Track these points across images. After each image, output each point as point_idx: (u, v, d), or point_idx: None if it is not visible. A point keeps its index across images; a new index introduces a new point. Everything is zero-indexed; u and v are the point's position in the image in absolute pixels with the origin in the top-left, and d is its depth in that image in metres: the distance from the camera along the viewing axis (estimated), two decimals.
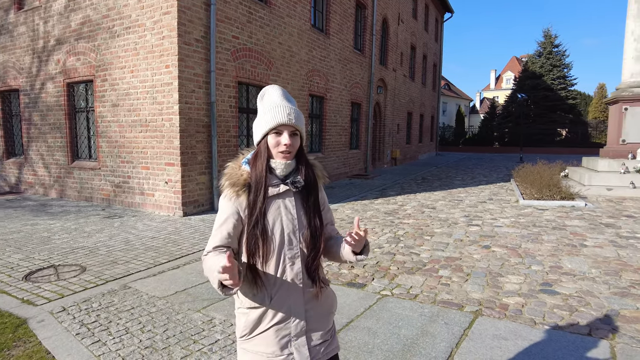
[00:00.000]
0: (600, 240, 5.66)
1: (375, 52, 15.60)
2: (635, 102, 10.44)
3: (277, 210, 1.46)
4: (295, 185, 1.48)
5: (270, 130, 1.45)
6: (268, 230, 1.43)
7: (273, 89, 1.54)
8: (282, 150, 1.44)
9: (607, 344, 2.90)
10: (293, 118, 1.45)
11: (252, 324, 1.48)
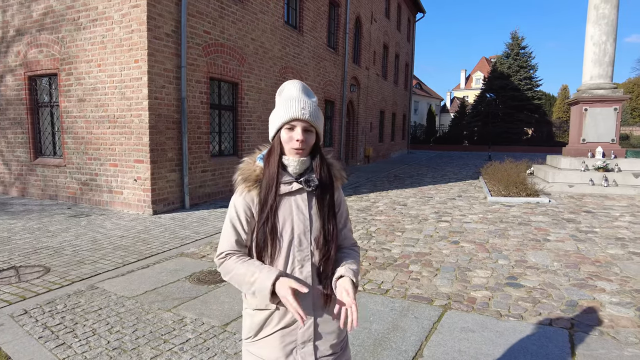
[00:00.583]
0: (561, 235, 5.91)
1: (348, 51, 15.69)
2: (594, 103, 10.93)
3: (288, 209, 1.40)
4: (309, 184, 1.40)
5: (283, 124, 1.39)
6: (277, 228, 1.37)
7: (292, 83, 1.47)
8: (294, 146, 1.37)
9: (566, 332, 3.04)
10: (307, 113, 1.37)
11: (258, 327, 1.42)
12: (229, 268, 1.38)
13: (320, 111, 1.43)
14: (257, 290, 1.31)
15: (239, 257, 1.39)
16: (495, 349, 2.80)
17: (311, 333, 1.40)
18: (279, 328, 1.39)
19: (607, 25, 10.92)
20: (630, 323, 3.19)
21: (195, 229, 6.17)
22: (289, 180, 1.40)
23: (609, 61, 11.07)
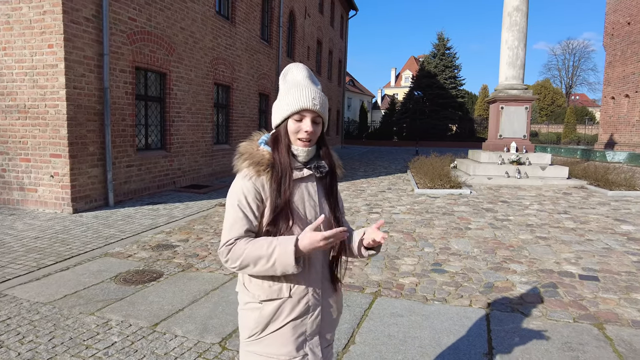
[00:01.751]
0: (481, 223, 6.40)
1: (282, 44, 15.62)
2: (510, 102, 11.92)
3: (300, 195, 1.37)
4: (320, 170, 1.40)
5: (292, 114, 1.34)
6: (292, 215, 1.33)
7: (297, 68, 1.41)
8: (302, 137, 1.34)
9: (483, 312, 3.31)
10: (318, 104, 1.33)
11: (267, 320, 1.33)
12: (238, 252, 1.27)
13: (327, 99, 1.40)
14: (277, 257, 1.23)
15: (248, 240, 1.29)
16: (422, 332, 2.98)
17: (319, 322, 1.38)
18: (291, 319, 1.33)
19: (519, 31, 11.93)
20: (536, 299, 3.55)
21: (121, 228, 5.83)
22: (299, 166, 1.39)
23: (521, 64, 12.12)
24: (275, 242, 1.25)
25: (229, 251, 1.29)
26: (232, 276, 4.08)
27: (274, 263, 1.23)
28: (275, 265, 1.24)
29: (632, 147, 19.91)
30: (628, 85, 20.85)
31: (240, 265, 1.28)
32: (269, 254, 1.23)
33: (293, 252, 1.21)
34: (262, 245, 1.25)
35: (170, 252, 4.84)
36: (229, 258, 1.29)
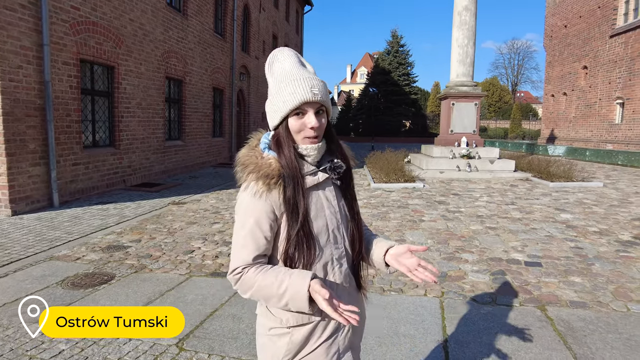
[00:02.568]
0: (434, 215, 6.62)
1: (236, 38, 15.34)
2: (460, 98, 12.38)
3: (318, 204, 1.20)
4: (337, 171, 1.21)
5: (291, 111, 1.15)
6: (313, 230, 1.17)
7: (283, 54, 1.21)
8: (308, 134, 1.15)
9: (437, 300, 3.44)
10: (318, 92, 1.14)
11: (298, 346, 1.18)
12: (249, 283, 1.14)
13: (325, 84, 1.21)
14: (290, 300, 1.10)
15: (258, 268, 1.15)
16: (380, 322, 3.05)
17: (350, 336, 1.26)
18: (323, 340, 1.20)
19: (468, 30, 12.40)
20: (486, 286, 3.73)
21: (68, 229, 5.52)
22: (312, 170, 1.20)
23: (470, 62, 12.61)
24: (286, 281, 1.10)
25: (237, 281, 1.17)
26: (188, 276, 3.98)
27: (286, 304, 1.12)
28: (288, 306, 1.12)
29: (570, 142, 21.32)
30: (566, 84, 22.27)
31: (252, 298, 1.17)
32: (280, 294, 1.11)
33: (306, 298, 1.08)
34: (272, 283, 1.11)
35: (122, 253, 4.64)
36: (238, 288, 1.18)
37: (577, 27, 21.07)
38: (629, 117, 16.99)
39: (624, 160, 15.37)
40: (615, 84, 17.84)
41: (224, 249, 4.80)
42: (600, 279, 3.90)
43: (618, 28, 17.87)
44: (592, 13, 19.74)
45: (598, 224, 6.02)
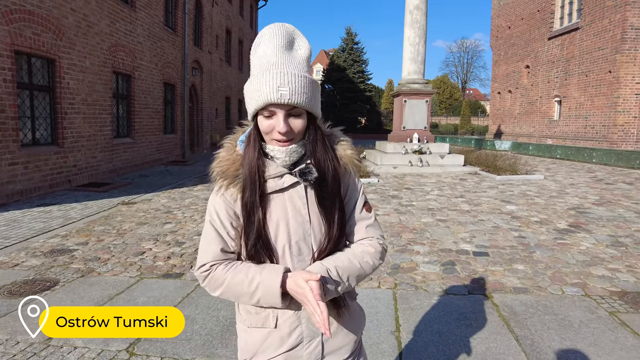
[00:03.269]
0: (387, 209, 6.79)
1: (188, 32, 14.91)
2: (412, 95, 12.73)
3: (281, 210, 1.09)
4: (306, 177, 1.08)
5: (257, 110, 1.04)
6: (269, 238, 1.08)
7: (269, 35, 1.04)
8: (277, 138, 1.04)
9: (390, 291, 3.54)
10: (288, 92, 0.99)
11: (255, 348, 1.14)
12: (218, 280, 1.09)
13: (310, 79, 1.04)
14: (262, 297, 1.05)
15: (227, 265, 1.10)
16: None
17: (319, 353, 1.14)
18: (282, 352, 1.12)
19: (419, 29, 12.75)
20: (437, 276, 3.88)
21: (4, 234, 5.16)
22: (278, 173, 1.09)
23: (422, 60, 12.98)
24: (257, 278, 1.05)
25: (204, 278, 1.11)
26: (139, 278, 3.85)
27: (258, 301, 1.06)
28: (260, 302, 1.07)
29: (515, 137, 22.51)
30: (510, 82, 23.47)
31: (221, 296, 1.12)
32: (251, 292, 1.05)
33: (279, 294, 1.03)
34: (242, 280, 1.06)
35: (67, 257, 4.40)
36: (206, 285, 1.12)
37: (519, 28, 22.23)
38: (566, 114, 18.18)
39: (562, 154, 16.46)
40: (554, 83, 19.02)
41: (176, 250, 4.68)
42: (540, 266, 4.17)
43: (555, 31, 19.03)
44: (532, 16, 20.90)
45: (539, 214, 6.41)
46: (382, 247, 1.19)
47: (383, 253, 1.19)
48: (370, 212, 1.21)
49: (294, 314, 1.11)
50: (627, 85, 15.01)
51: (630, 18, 14.64)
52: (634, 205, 7.11)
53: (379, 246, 1.18)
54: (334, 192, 1.11)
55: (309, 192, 1.11)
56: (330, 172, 1.10)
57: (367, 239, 1.18)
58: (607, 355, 2.58)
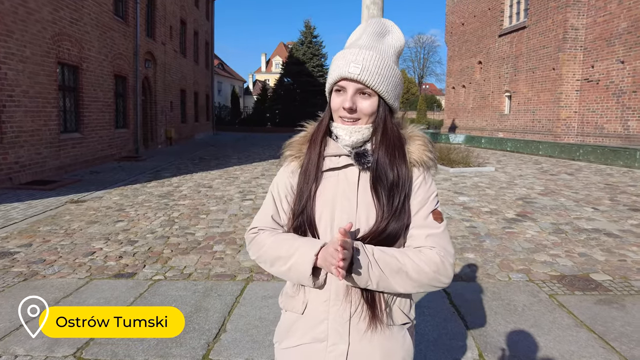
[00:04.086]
0: None
1: (140, 22, 14.33)
2: None
3: (332, 191, 1.07)
4: (361, 160, 1.05)
5: (332, 85, 1.06)
6: (314, 217, 1.06)
7: (366, 23, 1.10)
8: (341, 114, 1.05)
9: None
10: (360, 69, 0.99)
11: (284, 332, 1.14)
12: (260, 243, 1.10)
13: (390, 65, 1.04)
14: (294, 262, 1.01)
15: (272, 232, 1.11)
16: None
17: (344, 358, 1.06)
18: (305, 342, 1.08)
19: None
20: None
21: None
22: (337, 152, 1.08)
23: None
24: (299, 243, 1.03)
25: (251, 240, 1.14)
26: (88, 279, 3.69)
27: (289, 268, 1.03)
28: (290, 271, 1.03)
29: (468, 130, 23.37)
30: (464, 77, 24.29)
31: (258, 259, 1.12)
32: (288, 255, 1.03)
33: (311, 262, 0.99)
34: (284, 243, 1.05)
35: (8, 260, 4.14)
36: (250, 247, 1.14)
37: (472, 25, 23.01)
38: (515, 108, 19.07)
39: (512, 146, 17.28)
40: (504, 79, 19.87)
41: (128, 249, 4.51)
42: (489, 254, 4.37)
43: (505, 29, 19.87)
44: (484, 14, 21.69)
45: (489, 205, 6.71)
46: (443, 260, 1.03)
47: (444, 269, 1.03)
48: (440, 223, 1.08)
49: (323, 303, 1.06)
50: (569, 82, 15.95)
51: (570, 19, 15.53)
52: (573, 194, 7.59)
53: (438, 257, 1.03)
54: (393, 186, 1.04)
55: (362, 178, 1.07)
56: (392, 163, 1.05)
57: (427, 247, 1.05)
58: (546, 335, 2.76)
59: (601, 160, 12.52)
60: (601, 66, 14.90)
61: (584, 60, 15.74)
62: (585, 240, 4.84)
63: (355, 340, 1.05)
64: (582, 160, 13.24)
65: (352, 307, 1.05)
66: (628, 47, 13.74)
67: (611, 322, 2.92)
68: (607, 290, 3.47)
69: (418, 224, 1.06)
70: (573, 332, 2.79)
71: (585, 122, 15.77)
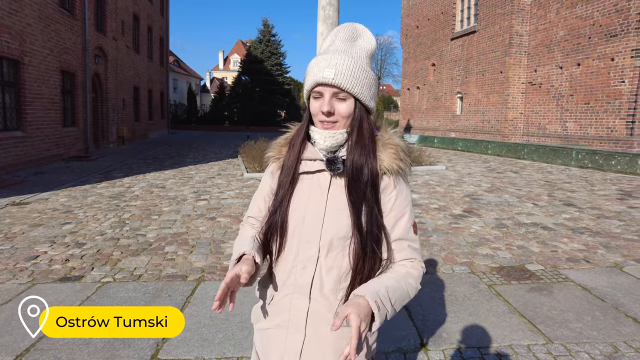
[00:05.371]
0: None
1: (89, 16, 13.73)
2: None
3: (305, 193, 1.12)
4: (332, 166, 1.08)
5: (309, 92, 1.11)
6: (287, 215, 1.12)
7: (337, 29, 1.15)
8: (320, 118, 1.09)
9: None
10: (334, 74, 1.03)
11: (257, 315, 1.25)
12: (238, 234, 1.28)
13: (363, 68, 1.08)
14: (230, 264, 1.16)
15: (247, 226, 1.27)
16: (243, 307, 3.14)
17: (298, 350, 1.12)
18: (271, 326, 1.18)
19: (332, 25, 13.06)
20: None
21: None
22: (312, 157, 1.13)
23: None
24: (236, 248, 1.17)
25: (241, 226, 1.31)
26: (30, 284, 3.55)
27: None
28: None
29: (422, 130, 24.12)
30: (419, 78, 25.04)
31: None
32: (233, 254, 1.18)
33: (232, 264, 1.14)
34: (235, 244, 1.21)
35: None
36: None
37: (426, 28, 23.76)
38: (466, 109, 19.91)
39: (463, 146, 18.04)
40: (456, 81, 20.69)
41: (76, 251, 4.37)
42: (435, 248, 4.60)
43: (457, 32, 20.68)
44: (437, 17, 22.46)
45: (438, 202, 7.01)
46: (423, 270, 1.15)
47: (421, 277, 1.14)
48: (415, 234, 1.16)
49: (286, 296, 1.14)
50: (515, 84, 16.86)
51: (515, 26, 16.43)
52: (517, 191, 8.08)
53: (421, 269, 1.14)
54: (360, 192, 1.07)
55: (333, 183, 1.11)
56: (362, 170, 1.08)
57: (409, 260, 1.12)
58: (483, 322, 2.96)
59: (543, 158, 13.35)
60: (543, 71, 15.87)
61: (528, 65, 16.70)
62: (524, 233, 5.19)
63: (310, 332, 1.11)
64: (526, 159, 14.05)
65: (312, 303, 1.11)
66: (565, 53, 14.73)
67: (540, 308, 3.18)
68: (539, 278, 3.77)
69: (400, 236, 1.12)
70: (507, 318, 3.02)
71: (530, 122, 16.73)
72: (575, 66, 14.38)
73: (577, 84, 14.35)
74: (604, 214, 6.24)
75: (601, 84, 13.55)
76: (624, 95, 12.87)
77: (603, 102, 13.51)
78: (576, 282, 3.69)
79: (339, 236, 1.08)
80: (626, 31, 12.67)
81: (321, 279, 1.10)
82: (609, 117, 13.34)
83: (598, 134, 13.73)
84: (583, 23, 14.07)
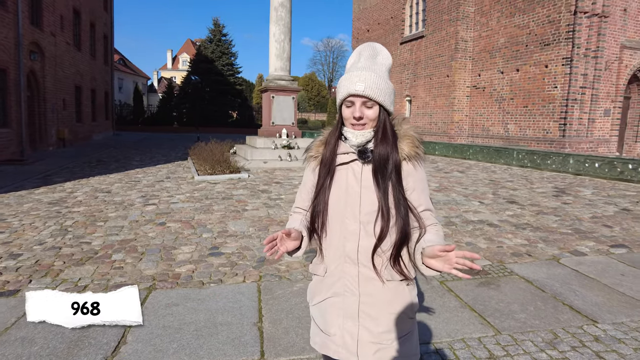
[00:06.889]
0: (257, 204, 6.86)
1: (23, 9, 12.80)
2: (279, 92, 12.99)
3: (343, 181, 1.39)
4: (363, 155, 1.37)
5: (342, 101, 1.39)
6: (329, 200, 1.39)
7: (360, 48, 1.43)
8: (352, 122, 1.38)
9: (255, 284, 3.62)
10: (363, 87, 1.32)
11: (313, 292, 1.48)
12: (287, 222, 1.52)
13: (385, 81, 1.37)
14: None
15: (294, 215, 1.53)
16: (197, 316, 3.04)
17: (355, 310, 1.37)
18: (328, 296, 1.41)
19: (284, 26, 13.05)
20: (300, 265, 4.09)
21: None
22: (346, 151, 1.41)
23: (287, 57, 13.32)
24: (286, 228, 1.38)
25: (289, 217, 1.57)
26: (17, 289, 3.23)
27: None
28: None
29: None
30: None
31: None
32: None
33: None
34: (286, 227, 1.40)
35: None
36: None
37: (377, 32, 24.31)
38: (415, 112, 20.57)
39: None
40: (405, 84, 21.33)
41: (10, 263, 4.03)
42: None
43: (405, 37, 21.33)
44: (387, 22, 23.05)
45: None
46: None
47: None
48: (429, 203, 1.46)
49: (337, 267, 1.39)
50: (460, 88, 17.65)
51: (460, 32, 17.21)
52: (463, 190, 8.44)
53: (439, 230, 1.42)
54: (388, 175, 1.35)
55: (364, 170, 1.38)
56: (388, 158, 1.36)
57: (434, 225, 1.40)
58: (437, 317, 3.06)
59: (487, 159, 14.06)
60: (486, 75, 16.73)
61: (472, 69, 17.54)
62: (472, 230, 5.43)
63: (364, 292, 1.37)
64: (472, 159, 14.73)
65: (360, 267, 1.37)
66: (506, 59, 15.63)
67: (488, 301, 3.34)
68: (487, 273, 3.95)
69: (426, 207, 1.41)
70: (458, 313, 3.14)
71: (474, 124, 17.57)
72: (515, 72, 15.29)
73: (517, 88, 15.27)
74: (542, 210, 6.66)
75: (537, 89, 14.51)
76: (556, 99, 13.86)
77: (539, 105, 14.47)
78: (520, 275, 3.92)
79: (372, 209, 1.35)
80: (558, 40, 13.66)
81: (365, 247, 1.36)
82: (545, 120, 14.31)
83: (535, 135, 14.68)
84: (521, 32, 15.00)
